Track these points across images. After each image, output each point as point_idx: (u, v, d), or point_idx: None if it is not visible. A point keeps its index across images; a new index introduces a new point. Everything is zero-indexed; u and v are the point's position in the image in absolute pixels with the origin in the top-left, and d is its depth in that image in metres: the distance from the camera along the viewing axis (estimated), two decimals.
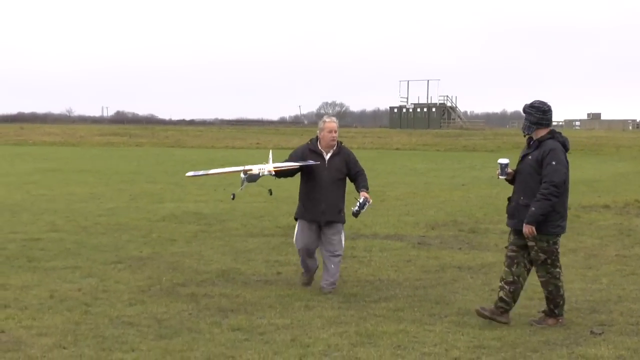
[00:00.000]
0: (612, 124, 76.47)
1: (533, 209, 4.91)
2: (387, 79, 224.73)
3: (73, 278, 6.37)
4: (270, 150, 6.45)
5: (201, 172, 7.18)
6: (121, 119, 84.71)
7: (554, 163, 5.00)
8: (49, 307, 5.22)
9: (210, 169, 7.43)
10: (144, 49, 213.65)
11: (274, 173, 5.99)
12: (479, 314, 4.98)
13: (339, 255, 6.24)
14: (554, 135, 5.12)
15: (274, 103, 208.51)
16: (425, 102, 70.11)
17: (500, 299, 4.98)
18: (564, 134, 5.14)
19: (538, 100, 5.27)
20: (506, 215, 5.35)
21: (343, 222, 6.27)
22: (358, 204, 6.05)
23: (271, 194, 6.36)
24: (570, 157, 5.12)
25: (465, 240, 9.01)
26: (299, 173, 6.14)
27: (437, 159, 30.15)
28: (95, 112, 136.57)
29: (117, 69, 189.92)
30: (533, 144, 5.15)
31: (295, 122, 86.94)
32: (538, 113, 5.14)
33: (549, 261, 5.06)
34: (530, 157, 5.13)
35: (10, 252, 7.62)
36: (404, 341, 4.39)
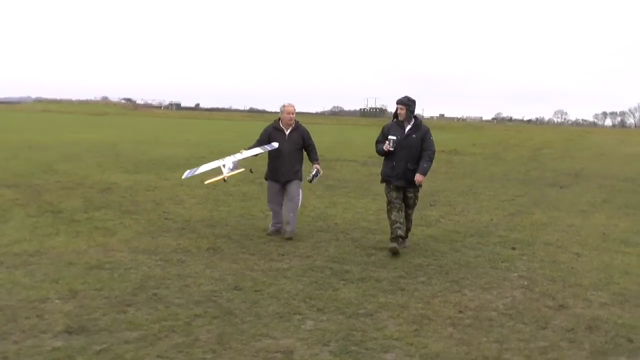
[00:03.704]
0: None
1: (425, 165, 6.20)
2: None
3: None
4: (242, 149, 7.02)
5: (196, 171, 7.01)
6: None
7: (432, 139, 6.32)
8: None
9: (198, 167, 7.25)
10: None
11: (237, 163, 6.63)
12: (396, 250, 6.15)
13: (296, 203, 7.02)
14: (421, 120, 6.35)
15: None
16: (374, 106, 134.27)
17: (395, 234, 6.25)
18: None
19: (409, 96, 6.19)
20: (382, 175, 6.51)
21: (300, 179, 7.05)
22: (311, 174, 7.09)
23: (252, 171, 7.13)
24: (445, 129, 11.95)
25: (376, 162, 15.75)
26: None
27: (377, 130, 48.75)
28: None
29: None
30: (414, 125, 6.23)
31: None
32: (414, 105, 6.21)
33: (416, 201, 6.65)
34: (414, 135, 6.21)
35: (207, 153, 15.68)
36: (350, 201, 10.02)
